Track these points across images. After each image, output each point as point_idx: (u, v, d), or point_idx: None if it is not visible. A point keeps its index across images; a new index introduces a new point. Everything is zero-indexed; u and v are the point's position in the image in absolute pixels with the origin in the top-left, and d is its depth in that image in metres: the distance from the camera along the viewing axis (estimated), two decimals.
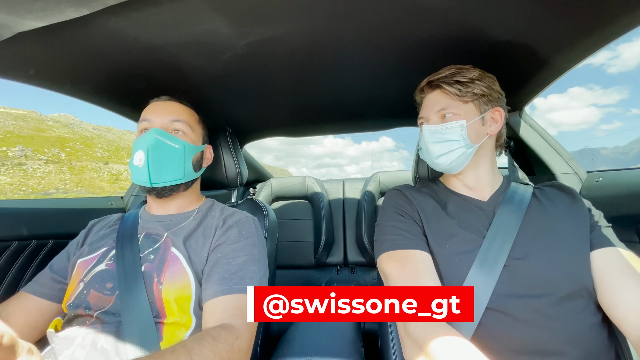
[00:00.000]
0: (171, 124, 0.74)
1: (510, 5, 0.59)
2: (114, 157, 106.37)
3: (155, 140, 0.69)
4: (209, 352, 0.47)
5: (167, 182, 0.71)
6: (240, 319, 0.55)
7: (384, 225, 0.69)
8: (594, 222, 0.63)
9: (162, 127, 0.72)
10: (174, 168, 0.72)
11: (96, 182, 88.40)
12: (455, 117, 0.68)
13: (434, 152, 0.69)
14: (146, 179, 0.68)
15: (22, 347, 0.33)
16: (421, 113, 0.74)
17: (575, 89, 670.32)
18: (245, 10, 0.59)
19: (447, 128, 0.67)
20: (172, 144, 0.72)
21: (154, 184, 0.70)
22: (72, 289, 0.64)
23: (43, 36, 0.60)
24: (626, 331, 0.52)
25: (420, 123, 0.74)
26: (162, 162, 0.70)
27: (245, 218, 0.75)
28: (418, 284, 0.55)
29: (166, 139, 0.71)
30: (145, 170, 0.68)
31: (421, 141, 0.74)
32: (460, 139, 0.67)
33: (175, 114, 0.75)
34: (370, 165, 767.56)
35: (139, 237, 0.70)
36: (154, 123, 0.73)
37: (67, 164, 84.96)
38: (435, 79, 0.70)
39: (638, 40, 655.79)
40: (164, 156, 0.70)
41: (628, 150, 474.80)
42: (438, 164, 0.70)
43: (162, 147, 0.70)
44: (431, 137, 0.69)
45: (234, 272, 0.63)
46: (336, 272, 1.96)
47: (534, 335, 0.52)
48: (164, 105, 0.77)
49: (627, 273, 0.55)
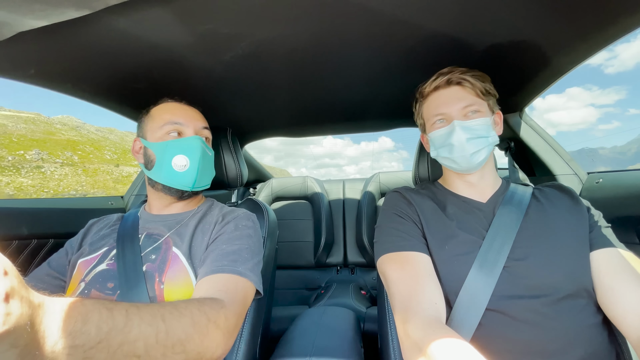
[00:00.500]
0: (202, 131, 0.77)
1: (511, 6, 0.59)
2: (122, 159, 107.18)
3: (202, 149, 0.73)
4: (195, 309, 0.48)
5: (203, 186, 0.76)
6: (227, 295, 0.56)
7: (383, 227, 0.69)
8: (593, 222, 0.63)
9: (197, 134, 0.75)
10: (210, 174, 0.79)
11: (109, 184, 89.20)
12: (480, 115, 0.67)
13: (469, 149, 0.66)
14: (190, 184, 0.72)
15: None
16: (439, 109, 0.69)
17: (573, 89, 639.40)
18: (245, 11, 0.59)
19: (480, 124, 0.66)
20: (209, 152, 0.78)
21: (196, 188, 0.73)
22: (72, 289, 0.64)
23: (44, 36, 0.60)
24: (625, 331, 0.52)
25: (438, 120, 0.70)
26: (205, 169, 0.75)
27: (244, 213, 0.77)
28: (417, 286, 0.55)
29: (207, 147, 0.76)
30: (192, 176, 0.71)
31: (450, 138, 0.67)
32: (489, 135, 0.67)
33: (203, 121, 0.79)
34: (369, 166, 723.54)
35: (140, 237, 0.70)
36: (188, 129, 0.74)
37: (81, 167, 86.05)
38: (456, 75, 0.68)
39: (636, 41, 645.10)
40: (207, 163, 0.76)
41: (626, 150, 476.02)
42: (473, 161, 0.67)
43: (205, 155, 0.75)
44: (466, 133, 0.65)
45: (226, 255, 0.64)
46: (336, 273, 1.96)
47: (534, 336, 0.52)
48: (188, 109, 0.78)
49: (626, 273, 0.55)
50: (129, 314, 0.39)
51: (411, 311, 0.51)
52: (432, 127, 0.71)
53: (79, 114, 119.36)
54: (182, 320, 0.45)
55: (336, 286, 1.74)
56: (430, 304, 0.52)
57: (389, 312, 0.71)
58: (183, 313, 0.46)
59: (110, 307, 0.38)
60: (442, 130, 0.68)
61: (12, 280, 0.26)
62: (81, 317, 0.34)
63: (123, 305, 0.40)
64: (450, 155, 0.68)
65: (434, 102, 0.71)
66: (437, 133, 0.70)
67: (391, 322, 0.70)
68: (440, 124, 0.69)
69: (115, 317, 0.37)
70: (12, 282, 0.26)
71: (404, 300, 0.54)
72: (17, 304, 0.26)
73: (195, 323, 0.46)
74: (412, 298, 0.54)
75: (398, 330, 0.53)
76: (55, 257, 0.73)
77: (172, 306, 0.46)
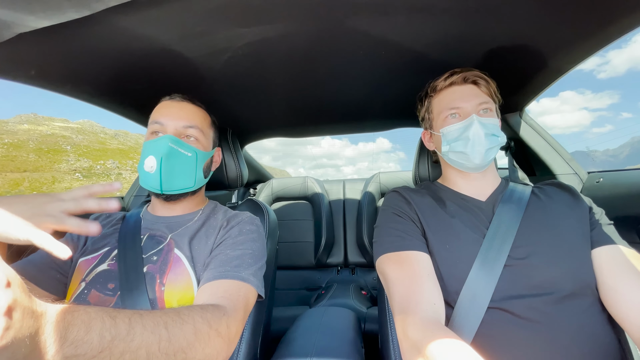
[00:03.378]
0: (184, 130, 0.72)
1: (510, 6, 0.59)
2: None
3: (169, 148, 0.68)
4: (197, 316, 0.47)
5: (178, 190, 0.71)
6: (229, 302, 0.55)
7: (382, 227, 0.69)
8: (595, 220, 0.63)
9: (176, 133, 0.71)
10: (186, 176, 0.71)
11: None
12: (491, 114, 0.68)
13: (486, 144, 0.66)
14: (157, 186, 0.68)
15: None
16: (454, 104, 0.69)
17: (566, 93, 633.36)
18: (245, 11, 0.59)
19: (494, 123, 0.68)
20: (185, 153, 0.70)
21: (165, 191, 0.69)
22: (73, 289, 0.64)
23: (44, 37, 0.60)
24: (628, 329, 0.52)
25: (451, 115, 0.70)
26: (174, 170, 0.69)
27: (248, 218, 0.76)
28: (416, 287, 0.55)
29: (179, 147, 0.69)
30: (157, 178, 0.67)
31: (467, 131, 0.66)
32: (500, 135, 0.68)
33: (188, 119, 0.73)
34: (367, 166, 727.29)
35: (142, 238, 0.69)
36: (168, 128, 0.71)
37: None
38: (473, 73, 0.70)
39: (627, 47, 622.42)
40: (176, 165, 0.69)
41: (618, 153, 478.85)
42: (486, 157, 0.67)
43: (176, 155, 0.69)
44: (484, 128, 0.66)
45: (229, 261, 0.63)
46: (336, 273, 1.96)
47: (537, 334, 0.52)
48: (178, 107, 0.74)
49: (629, 271, 0.55)
50: (132, 322, 0.39)
51: (410, 312, 0.51)
52: (444, 121, 0.71)
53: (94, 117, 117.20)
54: (184, 328, 0.45)
55: (337, 286, 1.74)
56: (429, 304, 0.52)
57: (389, 313, 0.71)
58: (186, 320, 0.45)
59: (114, 315, 0.38)
60: (458, 125, 0.68)
61: (15, 291, 0.26)
62: (84, 326, 0.33)
63: (126, 312, 0.40)
64: (464, 150, 0.67)
65: (448, 97, 0.71)
66: (452, 127, 0.69)
67: (391, 322, 0.70)
68: (453, 119, 0.69)
69: (118, 325, 0.37)
70: (15, 294, 0.25)
71: (402, 302, 0.54)
72: (18, 317, 0.25)
73: (197, 331, 0.46)
74: (411, 299, 0.54)
75: (397, 331, 0.53)
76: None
77: (174, 313, 0.46)
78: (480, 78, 0.70)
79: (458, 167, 0.72)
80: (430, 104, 0.75)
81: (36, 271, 0.65)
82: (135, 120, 1.09)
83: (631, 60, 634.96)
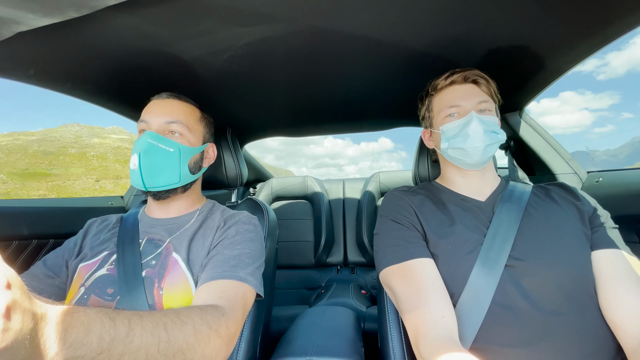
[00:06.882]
0: (167, 126, 0.71)
1: (510, 6, 0.59)
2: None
3: (147, 144, 0.67)
4: (196, 317, 0.47)
5: (162, 186, 0.70)
6: (227, 302, 0.55)
7: (382, 235, 0.69)
8: (599, 222, 0.63)
9: (158, 130, 0.70)
10: (168, 172, 0.70)
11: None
12: (491, 113, 0.69)
13: (485, 140, 0.66)
14: (140, 183, 0.68)
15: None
16: (454, 102, 0.70)
17: (566, 93, 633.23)
18: (245, 10, 0.59)
19: (493, 121, 0.68)
20: (166, 148, 0.69)
21: (149, 188, 0.69)
22: (72, 294, 0.63)
23: (44, 36, 0.60)
24: (621, 338, 0.51)
25: (451, 113, 0.71)
26: (155, 166, 0.68)
27: (246, 217, 0.76)
28: (422, 302, 0.55)
29: (160, 142, 0.69)
30: (139, 174, 0.67)
31: (467, 128, 0.67)
32: (499, 133, 0.68)
33: (172, 115, 0.72)
34: (369, 166, 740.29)
35: (141, 242, 0.69)
36: (151, 125, 0.71)
37: None
38: (473, 73, 0.70)
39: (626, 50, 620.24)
40: (157, 161, 0.68)
41: (618, 153, 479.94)
42: (485, 154, 0.67)
43: (155, 151, 0.68)
44: (483, 125, 0.66)
45: (227, 261, 0.63)
46: (336, 272, 1.96)
47: (538, 333, 0.52)
48: (162, 104, 0.74)
49: (628, 278, 0.54)
50: (132, 323, 0.39)
51: (420, 331, 0.51)
52: (444, 119, 0.72)
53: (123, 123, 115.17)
54: (183, 329, 0.45)
55: (336, 286, 1.74)
56: (437, 320, 0.52)
57: (389, 312, 0.71)
58: (185, 322, 0.45)
59: (113, 317, 0.38)
60: (458, 122, 0.69)
61: (14, 292, 0.25)
62: (83, 328, 0.33)
63: (125, 314, 0.40)
64: (463, 145, 0.67)
65: (449, 95, 0.71)
66: (452, 124, 0.69)
67: (391, 321, 0.70)
68: (452, 118, 0.70)
69: (117, 327, 0.37)
70: (15, 295, 0.25)
71: (412, 319, 0.54)
72: (18, 318, 0.25)
73: (197, 332, 0.46)
74: (420, 316, 0.53)
75: (413, 347, 0.53)
76: (51, 256, 0.72)
77: (174, 314, 0.46)
78: (480, 77, 0.70)
79: (457, 164, 0.72)
80: (430, 103, 0.76)
81: (37, 282, 0.66)
82: (135, 119, 1.09)
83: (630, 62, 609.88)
